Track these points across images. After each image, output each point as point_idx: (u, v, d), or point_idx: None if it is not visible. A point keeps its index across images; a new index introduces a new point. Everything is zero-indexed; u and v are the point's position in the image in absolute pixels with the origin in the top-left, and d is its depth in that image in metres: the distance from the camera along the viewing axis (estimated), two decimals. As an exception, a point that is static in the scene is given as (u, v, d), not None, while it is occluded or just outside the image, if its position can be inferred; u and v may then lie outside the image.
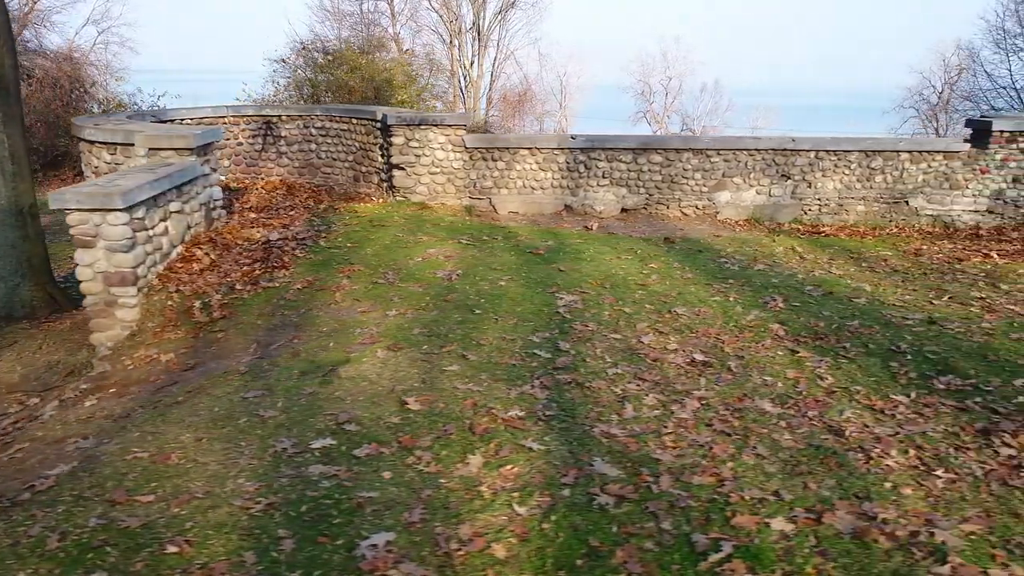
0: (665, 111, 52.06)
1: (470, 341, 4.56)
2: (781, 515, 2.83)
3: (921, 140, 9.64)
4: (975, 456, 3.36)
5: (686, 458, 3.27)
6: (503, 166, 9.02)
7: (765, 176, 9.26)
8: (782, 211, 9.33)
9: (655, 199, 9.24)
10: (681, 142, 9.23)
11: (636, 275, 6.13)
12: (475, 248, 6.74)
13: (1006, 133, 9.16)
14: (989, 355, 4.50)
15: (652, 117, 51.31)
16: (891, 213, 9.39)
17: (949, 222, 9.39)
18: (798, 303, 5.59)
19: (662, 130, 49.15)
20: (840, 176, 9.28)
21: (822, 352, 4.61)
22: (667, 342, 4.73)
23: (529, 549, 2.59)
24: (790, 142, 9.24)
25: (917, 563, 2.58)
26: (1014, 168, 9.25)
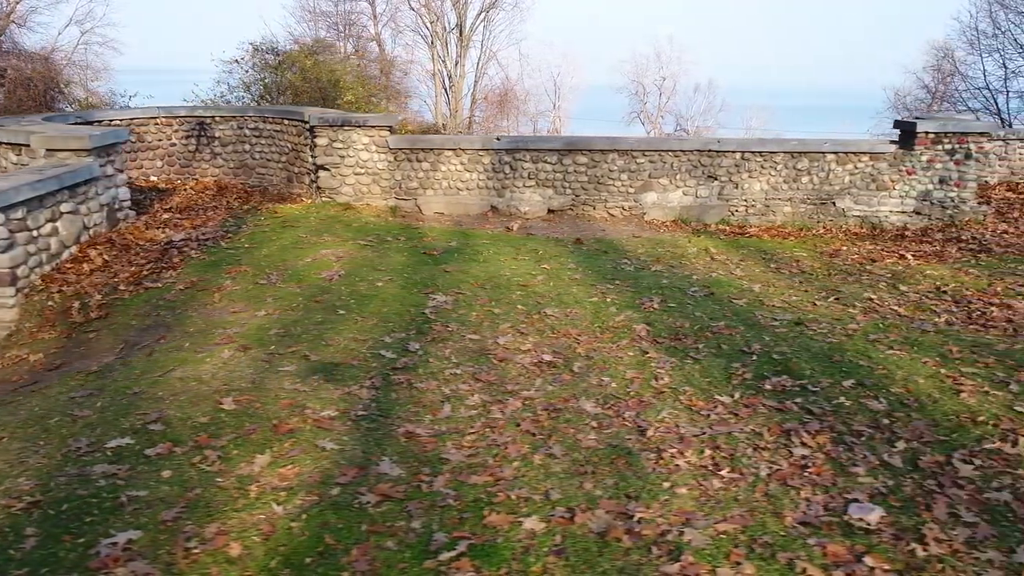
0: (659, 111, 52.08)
1: (320, 342, 4.59)
2: (538, 515, 2.86)
3: (847, 141, 9.65)
4: (768, 456, 3.40)
5: (476, 458, 3.30)
6: (428, 167, 9.06)
7: (691, 177, 9.29)
8: (709, 212, 9.36)
9: (582, 200, 9.27)
10: (606, 143, 9.26)
11: (523, 276, 6.17)
12: (371, 249, 6.78)
13: (931, 134, 9.19)
14: (835, 356, 4.52)
15: (646, 117, 51.32)
16: (818, 214, 9.42)
17: (877, 223, 9.41)
18: (674, 304, 5.62)
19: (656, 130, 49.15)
20: (766, 177, 9.31)
21: (673, 353, 4.64)
22: (523, 343, 4.76)
23: (266, 548, 2.62)
24: (715, 143, 9.28)
25: (649, 562, 2.61)
26: (940, 169, 9.28)
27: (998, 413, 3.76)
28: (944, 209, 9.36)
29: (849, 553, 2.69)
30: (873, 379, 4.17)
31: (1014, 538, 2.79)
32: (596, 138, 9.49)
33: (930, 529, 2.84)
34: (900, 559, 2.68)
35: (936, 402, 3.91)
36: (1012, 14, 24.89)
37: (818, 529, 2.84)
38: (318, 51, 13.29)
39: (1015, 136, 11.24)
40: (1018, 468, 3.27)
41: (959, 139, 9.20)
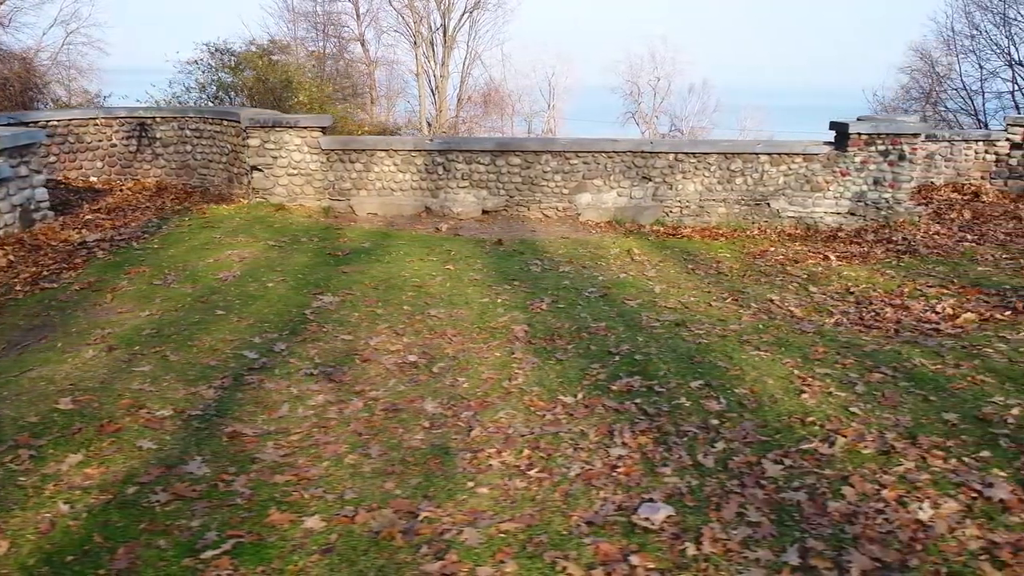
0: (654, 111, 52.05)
1: (187, 343, 4.62)
2: (323, 514, 2.89)
3: (779, 143, 9.65)
4: (585, 456, 3.43)
5: (289, 458, 3.34)
6: (361, 168, 9.09)
7: (625, 178, 9.31)
8: (643, 213, 9.38)
9: (516, 201, 9.30)
10: (538, 144, 9.29)
11: (423, 277, 6.20)
12: (279, 250, 6.81)
13: (863, 136, 9.21)
14: (698, 357, 4.55)
15: (640, 118, 51.29)
16: (753, 215, 9.44)
17: (812, 224, 9.43)
18: (565, 305, 5.65)
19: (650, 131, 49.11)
20: (701, 178, 9.33)
21: (540, 354, 4.67)
22: (395, 344, 4.79)
23: (34, 546, 2.65)
24: (648, 144, 9.31)
25: (413, 560, 2.64)
26: (874, 171, 9.30)
27: (831, 414, 3.79)
28: (879, 210, 9.38)
29: (619, 552, 2.72)
30: (723, 380, 4.19)
31: (791, 538, 2.82)
32: (528, 139, 9.53)
33: (711, 529, 2.87)
34: (668, 558, 2.71)
35: (776, 403, 3.93)
36: (989, 14, 24.91)
37: (600, 529, 2.87)
38: (274, 52, 13.35)
39: (960, 137, 11.25)
40: (825, 469, 3.30)
41: (892, 140, 9.22)
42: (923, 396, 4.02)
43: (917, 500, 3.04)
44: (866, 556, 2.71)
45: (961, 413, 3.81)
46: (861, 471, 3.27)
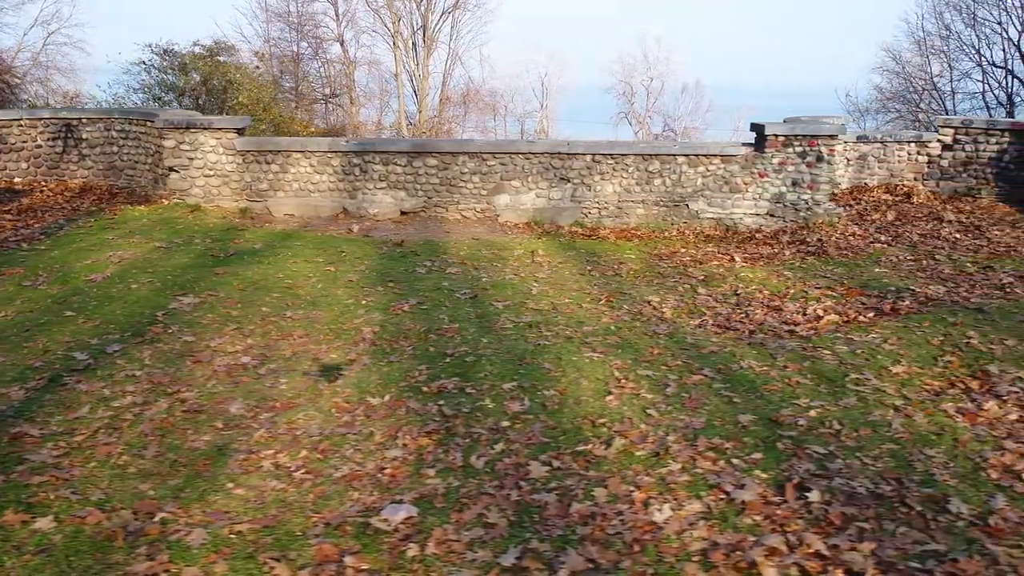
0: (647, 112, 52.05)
1: (22, 343, 4.65)
2: (56, 514, 2.91)
3: (697, 144, 9.70)
4: (360, 458, 3.45)
5: (61, 459, 3.36)
6: (277, 169, 9.12)
7: (544, 179, 9.33)
8: (562, 214, 9.40)
9: (434, 202, 9.32)
10: (454, 145, 9.32)
11: (298, 278, 6.22)
12: (164, 251, 6.83)
13: (780, 137, 9.23)
14: (529, 359, 4.56)
15: (634, 118, 51.26)
16: (672, 216, 9.46)
17: (731, 225, 9.44)
18: (429, 306, 5.67)
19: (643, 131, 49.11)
20: (619, 179, 9.35)
21: (377, 354, 4.69)
22: (236, 345, 4.82)
23: None
24: (564, 145, 9.33)
25: (125, 561, 2.66)
26: (792, 172, 9.32)
27: (627, 416, 3.82)
28: (798, 211, 9.40)
29: (338, 553, 2.74)
30: (539, 381, 4.21)
31: (519, 539, 2.84)
32: (443, 140, 9.57)
33: (444, 530, 2.89)
34: (385, 560, 2.73)
35: (579, 404, 3.96)
36: (960, 14, 24.92)
37: (334, 530, 2.89)
38: (219, 53, 13.39)
39: (892, 139, 11.26)
40: (591, 470, 3.32)
41: (809, 141, 9.24)
42: (729, 398, 4.05)
43: (663, 501, 3.06)
44: (582, 557, 2.73)
45: (758, 415, 3.84)
46: (624, 472, 3.29)
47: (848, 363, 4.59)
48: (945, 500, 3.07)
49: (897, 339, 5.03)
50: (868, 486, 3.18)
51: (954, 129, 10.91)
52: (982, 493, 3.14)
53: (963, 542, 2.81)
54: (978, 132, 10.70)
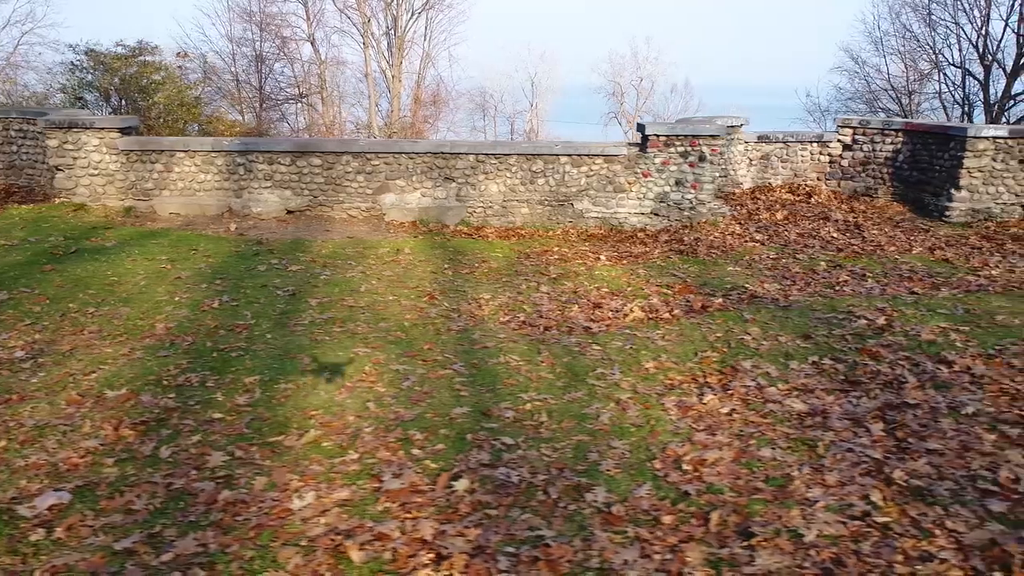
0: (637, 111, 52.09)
1: None
2: None
3: (579, 144, 9.76)
4: (55, 448, 3.54)
5: None
6: (162, 168, 9.21)
7: (428, 179, 9.42)
8: (448, 213, 9.49)
9: (320, 201, 9.42)
10: (337, 145, 9.41)
11: (126, 276, 6.29)
12: (7, 248, 6.93)
13: (662, 137, 9.32)
14: (294, 354, 4.66)
15: (624, 117, 51.30)
16: (557, 215, 9.54)
17: (617, 224, 9.53)
18: (241, 303, 5.76)
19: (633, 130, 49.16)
20: (503, 179, 9.44)
21: (147, 350, 4.78)
22: (21, 340, 4.91)
23: None
24: (447, 146, 9.42)
25: None
26: (675, 171, 9.40)
27: (346, 408, 3.91)
28: (682, 211, 9.49)
29: (-40, 538, 2.84)
30: (287, 375, 4.31)
31: (149, 525, 2.94)
32: (327, 140, 9.66)
33: (82, 516, 2.99)
34: (3, 544, 2.82)
35: (307, 397, 4.05)
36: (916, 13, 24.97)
37: (-23, 515, 2.99)
38: (142, 53, 13.47)
39: (794, 139, 11.35)
40: (268, 460, 3.42)
41: (691, 142, 9.33)
42: (458, 392, 4.14)
43: (312, 490, 3.15)
44: (195, 541, 2.83)
45: (474, 408, 3.94)
46: (300, 462, 3.39)
47: (609, 358, 4.69)
48: (588, 489, 3.17)
49: (676, 335, 5.12)
50: (525, 476, 3.27)
51: (852, 129, 11.00)
52: (633, 483, 3.24)
53: (576, 528, 2.91)
54: (875, 132, 10.79)
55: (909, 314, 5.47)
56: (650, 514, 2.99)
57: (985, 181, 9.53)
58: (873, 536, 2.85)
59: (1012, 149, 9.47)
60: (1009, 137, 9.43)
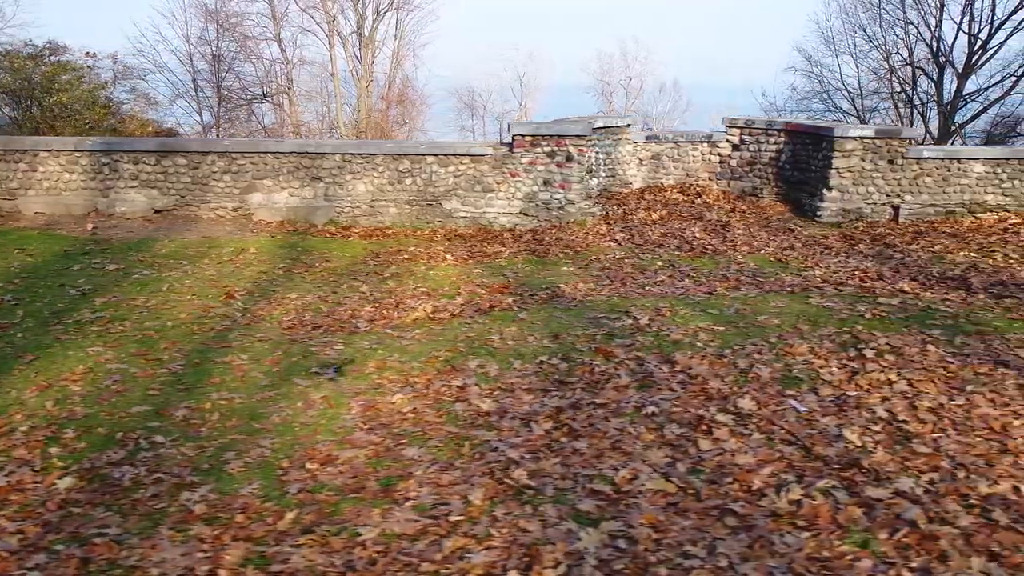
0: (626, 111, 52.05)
1: None
2: None
3: (445, 143, 9.79)
4: None
5: None
6: (26, 167, 9.24)
7: (295, 179, 9.44)
8: (316, 213, 9.50)
9: (187, 200, 9.43)
10: (202, 145, 9.43)
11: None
12: None
13: (528, 137, 9.33)
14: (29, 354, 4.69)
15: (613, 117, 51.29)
16: (426, 215, 9.55)
17: (487, 224, 9.54)
18: (17, 304, 5.78)
19: None
20: (371, 179, 9.45)
21: None
22: None
23: None
24: (312, 145, 9.45)
25: None
26: (543, 171, 9.41)
27: (6, 408, 3.93)
28: (550, 210, 9.49)
29: None
30: None
31: None
32: (191, 140, 9.70)
33: None
34: None
35: None
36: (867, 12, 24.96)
37: None
38: (51, 53, 13.49)
39: (684, 139, 11.34)
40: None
41: (556, 142, 9.34)
42: (149, 392, 4.16)
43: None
44: None
45: (153, 407, 3.95)
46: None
47: (342, 357, 4.70)
48: (191, 487, 3.18)
49: (428, 335, 5.14)
50: (141, 475, 3.29)
51: (740, 129, 11.00)
52: (245, 482, 3.25)
53: (147, 526, 2.92)
54: (760, 132, 10.79)
55: (681, 314, 5.48)
56: (231, 513, 3.00)
57: (855, 181, 9.53)
58: (434, 535, 2.86)
59: (880, 149, 9.47)
60: (876, 137, 9.43)
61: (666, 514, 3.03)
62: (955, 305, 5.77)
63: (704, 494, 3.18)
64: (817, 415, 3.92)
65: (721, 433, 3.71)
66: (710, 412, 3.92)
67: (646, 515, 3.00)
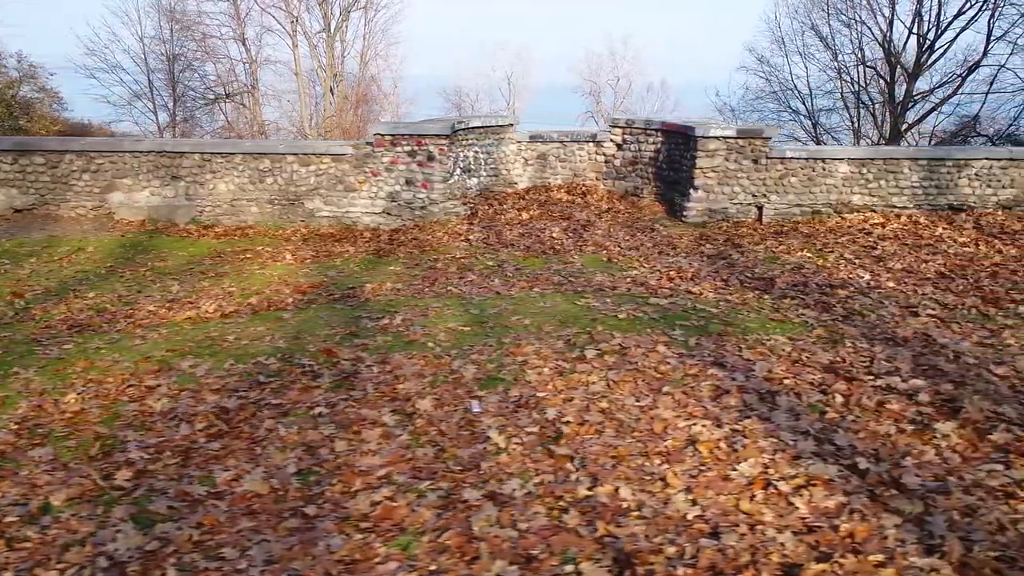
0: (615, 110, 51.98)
1: None
2: None
3: (304, 143, 9.82)
4: None
5: None
6: None
7: (156, 178, 9.40)
8: (178, 212, 9.46)
9: (47, 199, 9.39)
10: (59, 143, 9.39)
11: None
12: None
13: (388, 137, 9.29)
14: None
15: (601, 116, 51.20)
16: (289, 214, 9.51)
17: (351, 223, 9.50)
18: None
19: None
20: (231, 178, 9.41)
21: None
22: None
23: None
24: (171, 144, 9.42)
25: None
26: (404, 171, 9.38)
27: None
28: (413, 210, 9.46)
29: None
30: None
31: None
32: (49, 139, 9.62)
33: None
34: None
35: None
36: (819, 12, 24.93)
37: None
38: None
39: (570, 138, 11.30)
40: None
41: (417, 141, 9.30)
42: None
43: None
44: None
45: None
46: None
47: (55, 356, 4.67)
48: None
49: (170, 335, 5.10)
50: None
51: (622, 129, 10.97)
52: None
53: None
54: (639, 132, 10.76)
55: (444, 314, 5.45)
56: None
57: (720, 181, 9.50)
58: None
59: (744, 149, 9.43)
60: (739, 137, 9.39)
61: (232, 516, 2.99)
62: (732, 305, 5.74)
63: (291, 495, 3.15)
64: (488, 415, 3.89)
65: (371, 434, 3.68)
66: (380, 413, 3.89)
67: (208, 517, 2.97)
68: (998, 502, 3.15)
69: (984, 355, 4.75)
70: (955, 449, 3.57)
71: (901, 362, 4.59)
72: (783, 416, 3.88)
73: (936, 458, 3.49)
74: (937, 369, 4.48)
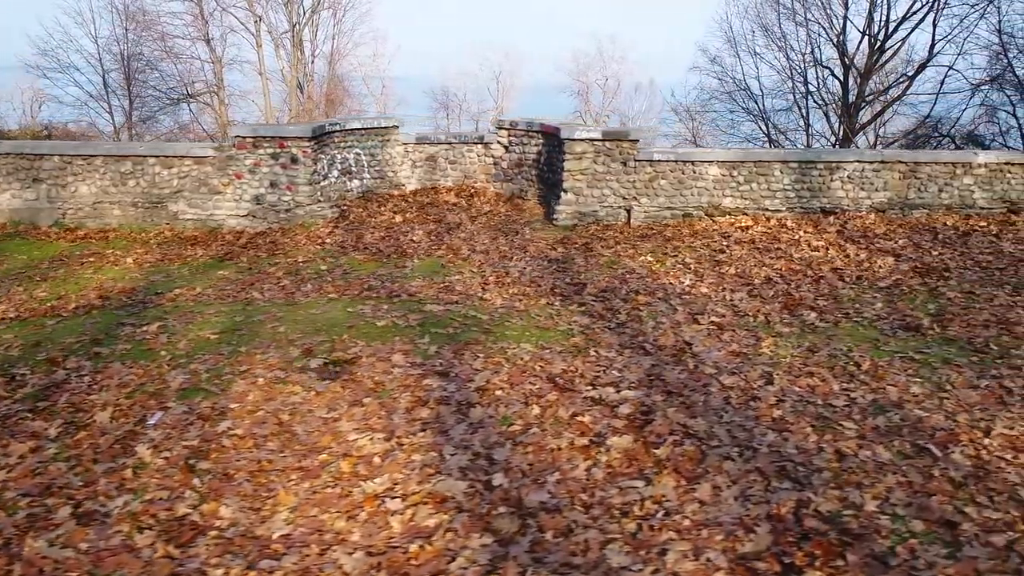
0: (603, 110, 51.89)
1: None
2: None
3: (165, 145, 9.71)
4: None
5: None
6: None
7: (16, 180, 9.28)
8: (40, 215, 9.35)
9: (-94, 202, 9.28)
10: (-86, 145, 9.28)
11: None
12: None
13: (249, 139, 9.17)
14: None
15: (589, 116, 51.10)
16: (152, 217, 9.40)
17: (216, 226, 9.39)
18: None
19: None
20: (93, 180, 9.30)
21: None
22: None
23: None
24: (29, 146, 9.30)
25: None
26: (268, 173, 9.27)
27: None
28: (278, 213, 9.35)
29: None
30: None
31: None
32: None
33: None
34: None
35: None
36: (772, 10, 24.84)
37: None
38: None
39: (458, 140, 11.20)
40: None
41: (279, 143, 9.19)
42: None
43: None
44: None
45: None
46: None
47: None
48: None
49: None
50: None
51: (507, 131, 10.87)
52: None
53: None
54: (523, 134, 10.66)
55: (212, 321, 5.35)
56: None
57: (589, 184, 9.40)
58: None
59: (612, 151, 9.33)
60: (604, 139, 9.29)
61: None
62: (508, 312, 5.64)
63: None
64: (160, 428, 3.79)
65: (18, 448, 3.58)
66: (48, 425, 3.80)
67: None
68: (608, 521, 3.06)
69: (728, 365, 4.66)
70: (610, 465, 3.48)
71: (633, 372, 4.50)
72: (461, 429, 3.79)
73: (583, 474, 3.40)
74: (661, 379, 4.39)
